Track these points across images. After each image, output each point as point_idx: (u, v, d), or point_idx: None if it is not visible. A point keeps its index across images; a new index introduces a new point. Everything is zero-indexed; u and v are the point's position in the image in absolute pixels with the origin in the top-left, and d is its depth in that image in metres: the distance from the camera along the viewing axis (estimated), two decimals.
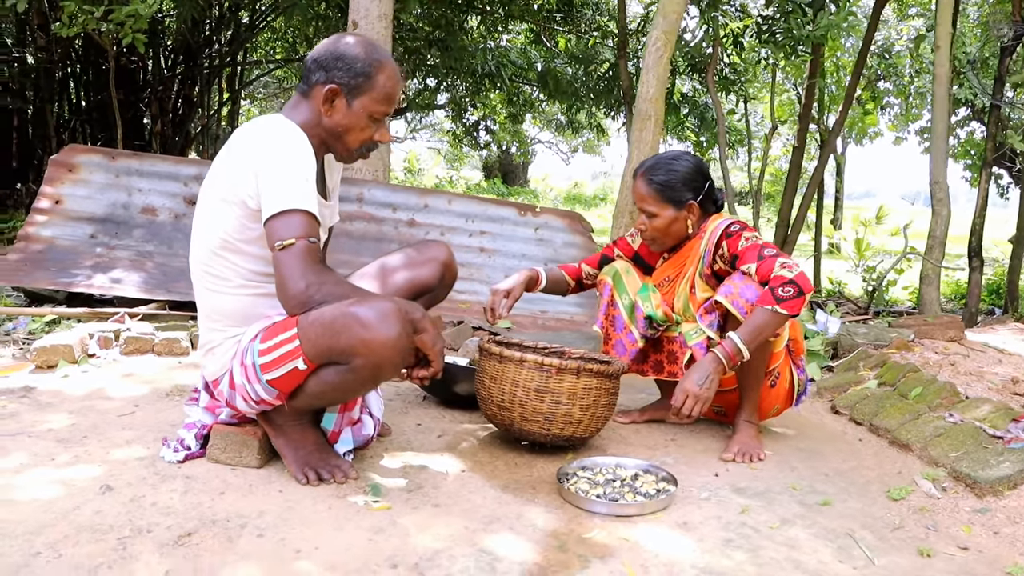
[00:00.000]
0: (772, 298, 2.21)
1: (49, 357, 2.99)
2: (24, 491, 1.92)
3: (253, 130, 1.98)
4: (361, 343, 1.80)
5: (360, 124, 2.06)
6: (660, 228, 2.45)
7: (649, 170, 2.45)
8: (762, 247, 2.30)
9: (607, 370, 2.26)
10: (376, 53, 2.04)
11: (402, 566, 1.65)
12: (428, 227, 4.73)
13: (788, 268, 2.22)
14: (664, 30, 4.29)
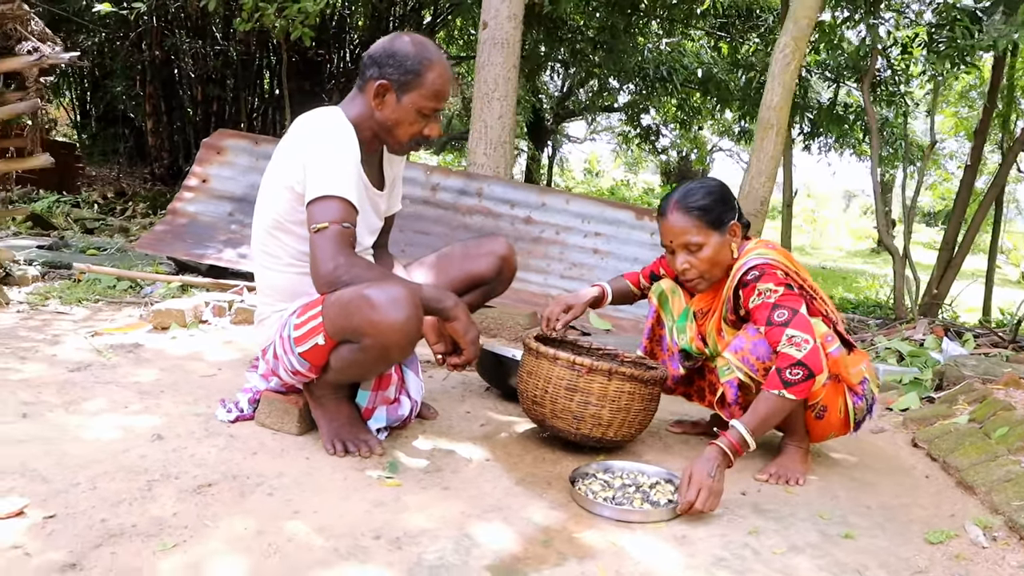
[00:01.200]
0: (779, 382, 2.05)
1: (163, 320, 3.30)
2: (91, 431, 2.16)
3: (306, 121, 2.12)
4: (370, 324, 1.90)
5: (409, 118, 2.15)
6: (708, 259, 2.25)
7: (683, 198, 2.26)
8: (773, 308, 2.12)
9: (641, 375, 2.24)
10: (427, 52, 2.13)
11: (384, 538, 1.73)
12: (544, 225, 4.79)
13: (796, 346, 2.06)
14: (793, 36, 4.13)
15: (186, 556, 1.60)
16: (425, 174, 4.89)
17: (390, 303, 1.89)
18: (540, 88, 17.49)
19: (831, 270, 14.45)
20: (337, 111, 2.17)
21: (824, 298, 2.36)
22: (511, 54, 4.74)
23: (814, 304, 2.29)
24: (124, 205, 8.82)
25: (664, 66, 12.57)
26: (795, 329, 2.08)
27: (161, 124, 12.41)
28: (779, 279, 2.18)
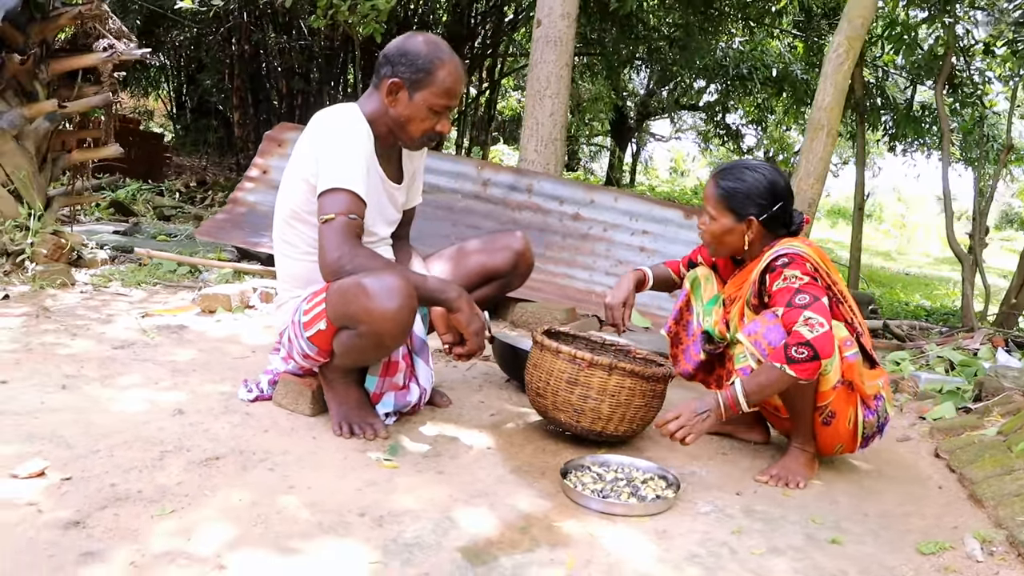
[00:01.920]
0: (783, 356, 2.06)
1: (210, 303, 3.48)
2: (119, 404, 2.32)
3: (323, 116, 2.23)
4: (364, 311, 1.99)
5: (420, 115, 2.23)
6: (715, 233, 2.34)
7: (721, 173, 2.35)
8: (796, 292, 2.12)
9: (642, 371, 2.26)
10: (438, 51, 2.20)
11: (368, 516, 1.82)
12: (592, 222, 4.81)
13: (810, 326, 2.06)
14: (848, 35, 4.04)
15: (181, 521, 1.71)
16: (476, 169, 4.98)
17: (384, 292, 1.97)
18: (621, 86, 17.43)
19: (914, 276, 13.95)
20: (354, 107, 2.26)
21: (853, 306, 2.34)
22: (564, 52, 4.78)
23: (839, 308, 2.27)
24: (204, 194, 9.20)
25: (744, 64, 12.38)
26: (813, 312, 2.09)
27: (248, 116, 12.85)
28: (807, 270, 2.18)
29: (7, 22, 3.84)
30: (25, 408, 2.21)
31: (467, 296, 2.19)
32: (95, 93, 4.33)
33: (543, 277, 4.58)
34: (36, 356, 2.66)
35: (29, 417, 2.15)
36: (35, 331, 2.94)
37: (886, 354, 4.19)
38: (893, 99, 9.00)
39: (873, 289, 10.30)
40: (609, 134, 21.57)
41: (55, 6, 4.17)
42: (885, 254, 18.68)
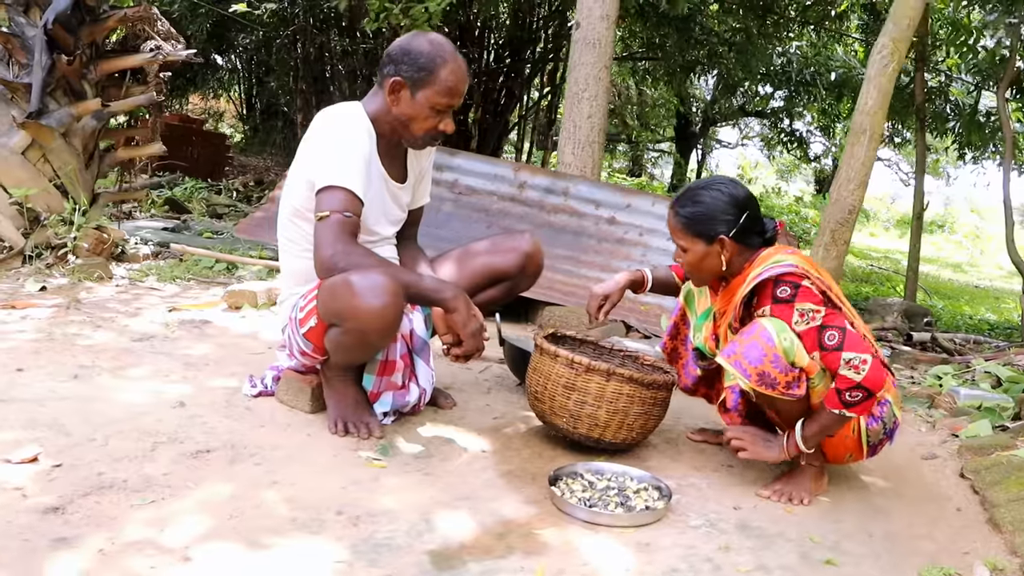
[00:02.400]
0: (839, 402, 2.02)
1: (237, 300, 3.53)
2: (125, 395, 2.36)
3: (324, 115, 2.23)
4: (350, 308, 1.98)
5: (423, 114, 2.22)
6: (692, 263, 2.23)
7: (678, 201, 2.24)
8: (820, 331, 2.05)
9: (641, 377, 2.21)
10: (441, 50, 2.18)
11: (345, 515, 1.81)
12: (627, 226, 4.74)
13: (855, 368, 1.99)
14: (893, 37, 3.90)
15: (158, 511, 1.73)
16: (513, 171, 4.96)
17: (369, 290, 1.96)
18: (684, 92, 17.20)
19: (984, 289, 13.42)
20: (357, 106, 2.27)
21: (850, 309, 2.25)
22: (603, 54, 4.72)
23: (839, 315, 2.18)
24: (260, 193, 9.39)
25: (808, 70, 12.09)
26: (851, 351, 2.02)
27: (310, 117, 13.03)
28: (815, 295, 2.08)
29: (57, 24, 3.98)
30: (34, 396, 2.27)
31: (464, 296, 2.17)
32: (142, 92, 4.45)
33: (577, 281, 4.52)
34: (56, 346, 2.73)
35: (36, 405, 2.20)
36: (61, 322, 3.02)
37: (928, 368, 4.03)
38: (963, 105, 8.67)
39: (937, 301, 9.95)
40: (673, 140, 21.31)
41: (104, 9, 4.30)
42: (956, 266, 18.05)
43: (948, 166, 24.96)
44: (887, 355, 4.41)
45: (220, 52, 14.96)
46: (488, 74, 12.24)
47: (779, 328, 2.04)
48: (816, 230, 5.44)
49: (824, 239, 4.09)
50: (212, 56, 14.41)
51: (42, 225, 4.07)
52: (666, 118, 20.35)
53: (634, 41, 13.35)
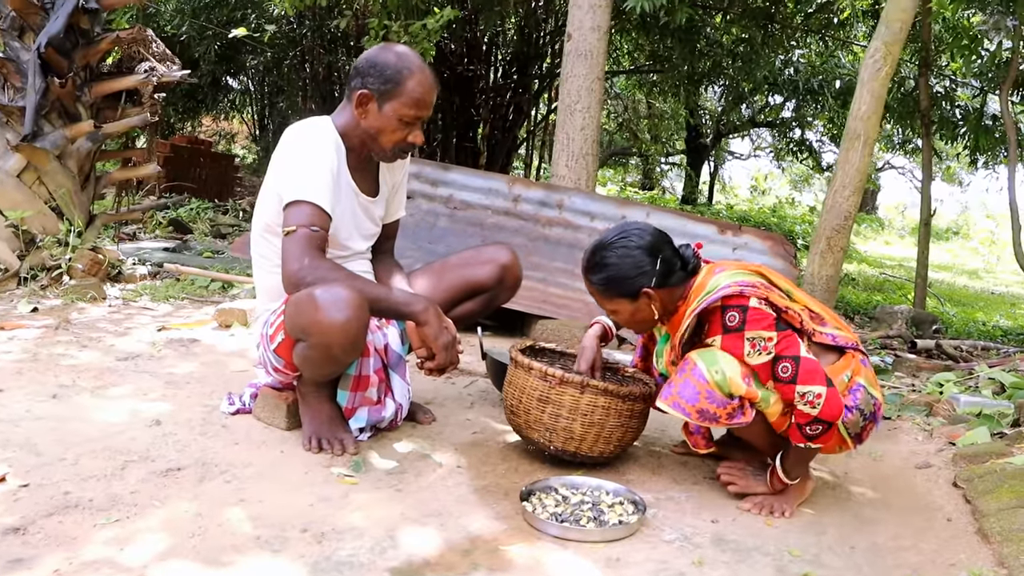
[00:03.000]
0: (802, 436, 2.02)
1: (226, 318, 3.53)
2: (101, 414, 2.35)
3: (292, 130, 2.22)
4: (314, 323, 1.96)
5: (391, 127, 2.21)
6: (625, 320, 2.19)
7: (587, 270, 2.15)
8: (775, 363, 1.99)
9: (616, 389, 2.17)
10: (407, 62, 2.17)
11: (310, 532, 1.78)
12: None
13: (811, 404, 1.96)
14: (885, 41, 3.86)
15: (121, 530, 1.71)
16: (507, 185, 4.94)
17: (332, 304, 1.94)
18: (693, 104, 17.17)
19: (1000, 295, 13.22)
20: (326, 120, 2.26)
21: (804, 300, 2.17)
22: (595, 66, 4.71)
23: (787, 314, 2.08)
24: None
25: (817, 78, 12.03)
26: (804, 384, 1.97)
27: None
28: (765, 316, 2.00)
29: (51, 47, 4.01)
30: (10, 416, 2.26)
31: (435, 309, 2.15)
32: (136, 114, 4.48)
33: (572, 294, 4.49)
34: (39, 366, 2.73)
35: (10, 425, 2.20)
36: (48, 342, 3.02)
37: (931, 375, 3.96)
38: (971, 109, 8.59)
39: (949, 308, 9.82)
40: (684, 152, 21.26)
41: (97, 32, 4.34)
42: (972, 272, 17.82)
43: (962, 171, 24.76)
44: (889, 363, 4.34)
45: (230, 74, 15.09)
46: (496, 90, 12.27)
47: (709, 362, 1.99)
48: None
49: (820, 246, 4.04)
50: (223, 78, 14.55)
51: (37, 247, 4.09)
52: (676, 131, 20.30)
53: (641, 54, 13.34)
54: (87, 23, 4.29)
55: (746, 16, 9.27)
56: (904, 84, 8.17)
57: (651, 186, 23.96)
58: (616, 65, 13.70)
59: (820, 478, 2.42)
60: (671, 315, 2.19)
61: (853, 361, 2.13)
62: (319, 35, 11.69)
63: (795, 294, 2.17)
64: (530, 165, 14.79)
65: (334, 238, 2.22)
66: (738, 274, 2.07)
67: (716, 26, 10.38)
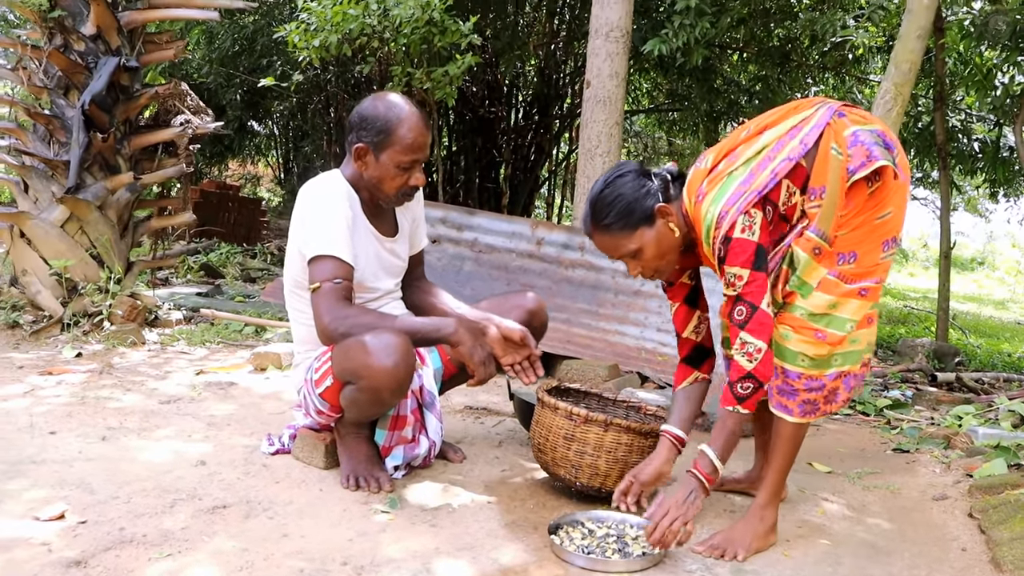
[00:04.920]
0: (732, 397, 2.02)
1: (262, 361, 3.67)
2: (149, 454, 2.48)
3: (307, 187, 2.37)
4: (364, 367, 2.09)
5: (391, 174, 2.34)
6: (653, 255, 2.11)
7: (594, 217, 2.11)
8: (735, 303, 2.01)
9: (639, 427, 2.27)
10: (396, 110, 2.30)
11: (350, 565, 1.89)
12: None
13: (748, 356, 1.98)
14: (895, 82, 3.98)
15: (173, 563, 1.83)
16: (531, 229, 5.08)
17: (382, 349, 2.08)
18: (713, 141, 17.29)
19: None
20: (336, 174, 2.40)
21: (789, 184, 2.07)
22: (613, 111, 4.87)
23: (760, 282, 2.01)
24: None
25: None
26: (750, 334, 1.98)
27: None
28: (743, 250, 1.97)
29: (93, 104, 4.22)
30: (64, 457, 2.40)
31: (465, 326, 2.25)
32: (173, 165, 4.68)
33: (595, 334, 4.60)
34: (88, 409, 2.87)
35: (65, 465, 2.33)
36: (94, 386, 3.17)
37: (950, 408, 4.01)
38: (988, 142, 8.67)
39: (974, 339, 9.80)
40: None
41: (136, 88, 4.55)
42: (999, 303, 17.72)
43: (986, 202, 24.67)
44: (909, 397, 4.40)
45: (256, 119, 15.47)
46: (517, 131, 12.50)
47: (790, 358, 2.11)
48: None
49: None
50: (249, 123, 14.92)
51: (79, 294, 4.27)
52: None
53: (659, 93, 13.53)
54: (127, 80, 4.50)
55: (762, 55, 9.44)
56: (920, 119, 8.26)
57: None
58: (636, 104, 13.91)
59: (835, 511, 2.50)
60: (691, 247, 2.19)
61: (836, 121, 2.08)
62: (343, 81, 11.96)
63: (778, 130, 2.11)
64: (552, 204, 14.96)
65: (361, 283, 2.36)
66: (720, 196, 2.04)
67: (733, 65, 10.57)
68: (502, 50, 10.08)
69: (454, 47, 6.65)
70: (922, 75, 8.02)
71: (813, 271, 2.08)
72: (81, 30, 4.36)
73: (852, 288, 2.09)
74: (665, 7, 7.88)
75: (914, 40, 4.00)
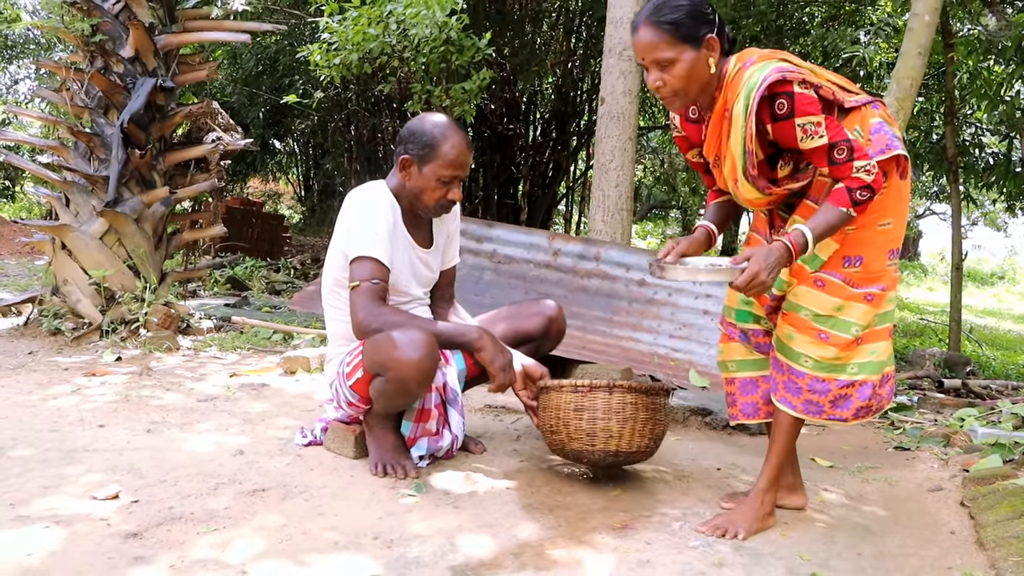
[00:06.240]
0: (849, 200, 2.05)
1: (292, 365, 3.86)
2: (191, 445, 2.67)
3: (353, 194, 2.57)
4: (391, 360, 2.28)
5: (431, 186, 2.54)
6: (681, 75, 2.11)
7: (654, 12, 2.11)
8: (830, 149, 2.06)
9: (639, 386, 2.43)
10: (443, 128, 2.51)
11: (381, 539, 2.06)
12: (656, 287, 4.98)
13: (867, 172, 2.04)
14: (897, 97, 4.15)
15: (220, 537, 2.01)
16: (548, 240, 5.26)
17: (409, 344, 2.26)
18: None
19: None
20: (381, 184, 2.60)
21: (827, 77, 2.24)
22: (627, 127, 5.05)
23: (822, 90, 2.15)
24: (317, 270, 9.87)
25: None
26: (859, 160, 2.06)
27: None
28: (811, 100, 2.06)
29: (131, 122, 4.46)
30: (114, 446, 2.60)
31: (489, 335, 2.44)
32: (205, 180, 4.91)
33: (609, 340, 4.76)
34: (132, 406, 3.08)
35: (115, 453, 2.53)
36: (136, 386, 3.38)
37: (954, 411, 4.14)
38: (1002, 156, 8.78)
39: (990, 352, 9.87)
40: None
41: (171, 107, 4.79)
42: (1019, 317, 17.68)
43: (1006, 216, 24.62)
44: (914, 401, 4.53)
45: (278, 137, 15.80)
46: (535, 148, 12.71)
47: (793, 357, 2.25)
48: None
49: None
50: (270, 141, 15.23)
51: (117, 303, 4.49)
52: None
53: None
54: (163, 99, 4.75)
55: None
56: (932, 133, 8.40)
57: None
58: (652, 121, 14.11)
59: (834, 500, 2.65)
60: (710, 105, 2.23)
61: (868, 109, 2.23)
62: (363, 99, 12.22)
63: (817, 71, 2.24)
64: (570, 219, 15.15)
65: (395, 286, 2.55)
66: (769, 62, 2.11)
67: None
68: (520, 68, 10.30)
69: (472, 65, 6.87)
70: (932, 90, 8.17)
71: (824, 246, 2.18)
72: (120, 53, 4.61)
73: (858, 292, 2.20)
74: None
75: (915, 57, 4.17)
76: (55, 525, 2.00)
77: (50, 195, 4.73)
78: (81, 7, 4.53)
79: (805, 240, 2.08)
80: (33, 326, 4.49)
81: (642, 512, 2.38)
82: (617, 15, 5.07)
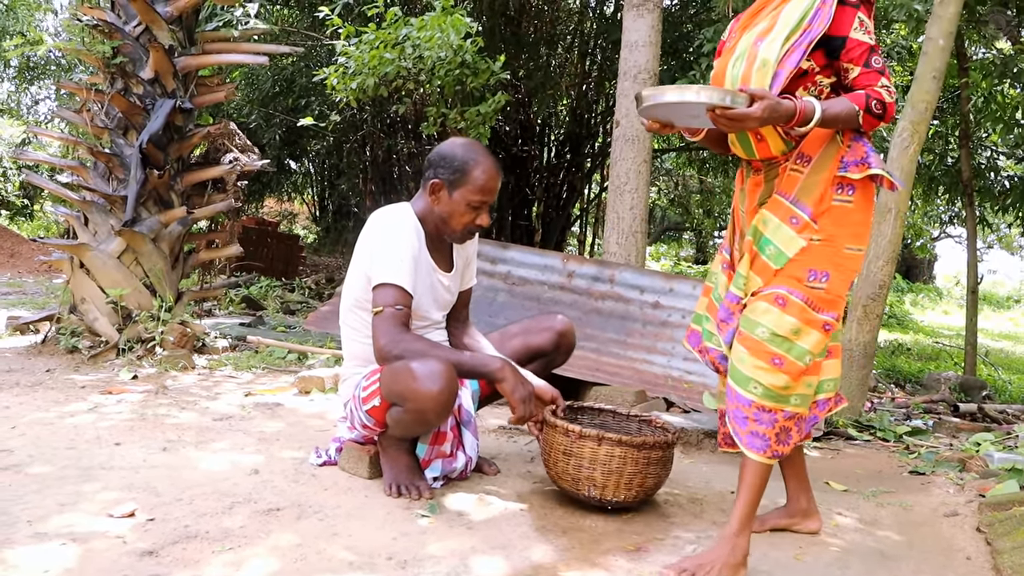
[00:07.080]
0: (864, 103, 2.08)
1: (306, 384, 3.88)
2: (207, 463, 2.69)
3: (377, 216, 2.59)
4: (410, 391, 2.29)
5: (460, 211, 2.55)
6: None
7: None
8: (871, 52, 2.12)
9: (630, 440, 2.41)
10: (473, 153, 2.53)
11: (395, 560, 2.07)
12: (671, 310, 4.98)
13: (890, 92, 2.11)
14: (911, 120, 4.15)
15: (235, 556, 2.02)
16: (562, 262, 5.28)
17: (428, 376, 2.27)
18: None
19: None
20: (406, 207, 2.62)
21: None
22: (642, 149, 5.08)
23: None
24: (332, 290, 9.91)
25: None
26: (888, 80, 2.13)
27: None
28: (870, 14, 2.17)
29: (150, 143, 4.52)
30: (130, 464, 2.62)
31: (511, 367, 2.44)
32: (222, 200, 4.95)
33: (623, 363, 4.76)
34: (148, 424, 3.10)
35: (131, 471, 2.55)
36: (152, 404, 3.40)
37: (969, 435, 4.11)
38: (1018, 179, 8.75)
39: (1006, 376, 9.77)
40: None
41: (189, 127, 4.85)
42: None
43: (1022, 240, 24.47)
44: (930, 425, 4.50)
45: (294, 157, 15.92)
46: (549, 170, 12.77)
47: (741, 381, 2.16)
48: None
49: (856, 314, 4.26)
50: (286, 161, 15.36)
51: (133, 321, 4.53)
52: (728, 205, 20.60)
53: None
54: (181, 120, 4.81)
55: None
56: (947, 156, 8.38)
57: (704, 260, 24.18)
58: (666, 143, 14.15)
59: (848, 524, 2.63)
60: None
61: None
62: (379, 120, 12.30)
63: None
64: (584, 241, 15.17)
65: (415, 311, 2.56)
66: None
67: None
68: (535, 90, 10.35)
69: (487, 87, 6.92)
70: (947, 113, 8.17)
71: (790, 241, 2.14)
72: (140, 74, 4.68)
73: (818, 319, 2.11)
74: (693, 48, 8.14)
75: (929, 81, 4.17)
76: (72, 542, 2.01)
77: (69, 214, 4.79)
78: (103, 30, 4.61)
79: (813, 110, 2.04)
80: (51, 344, 4.53)
81: (655, 535, 2.38)
82: (632, 38, 5.12)
